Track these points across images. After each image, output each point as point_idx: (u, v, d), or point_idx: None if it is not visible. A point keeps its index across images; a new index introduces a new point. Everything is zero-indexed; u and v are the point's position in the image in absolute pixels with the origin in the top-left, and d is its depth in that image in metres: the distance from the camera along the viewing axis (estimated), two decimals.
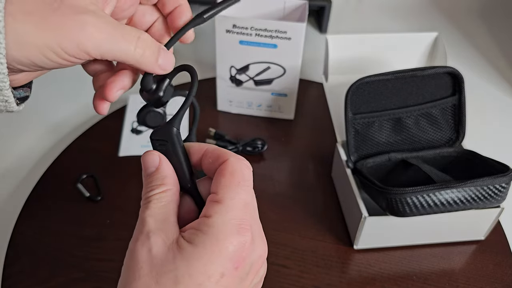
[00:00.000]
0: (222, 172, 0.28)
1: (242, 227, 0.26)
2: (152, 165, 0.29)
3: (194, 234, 0.26)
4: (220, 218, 0.26)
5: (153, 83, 0.31)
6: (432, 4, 1.23)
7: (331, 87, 0.73)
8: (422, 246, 0.60)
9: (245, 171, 0.28)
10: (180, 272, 0.24)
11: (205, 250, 0.25)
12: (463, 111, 0.62)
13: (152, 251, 0.25)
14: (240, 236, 0.26)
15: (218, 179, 0.28)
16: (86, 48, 0.25)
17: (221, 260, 0.25)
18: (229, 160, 0.28)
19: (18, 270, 0.56)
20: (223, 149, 0.29)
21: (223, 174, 0.28)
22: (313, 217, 0.64)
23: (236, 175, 0.28)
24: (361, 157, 0.62)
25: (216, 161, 0.29)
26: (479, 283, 0.57)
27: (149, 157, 0.29)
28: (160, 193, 0.28)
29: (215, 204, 0.27)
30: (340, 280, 0.56)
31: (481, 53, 1.05)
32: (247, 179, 0.28)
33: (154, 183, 0.29)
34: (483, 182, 0.52)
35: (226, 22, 0.69)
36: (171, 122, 0.30)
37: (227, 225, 0.26)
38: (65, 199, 0.65)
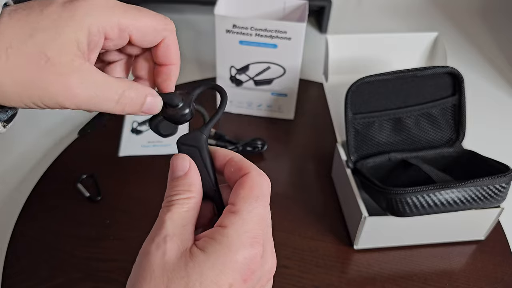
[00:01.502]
0: (242, 184, 0.28)
1: (256, 241, 0.26)
2: (181, 169, 0.30)
3: (208, 243, 0.26)
4: (235, 230, 0.26)
5: (179, 100, 0.31)
6: (432, 4, 1.23)
7: (331, 87, 0.73)
8: (422, 246, 0.60)
9: (264, 186, 0.29)
10: (191, 279, 0.25)
11: (217, 259, 0.25)
12: (463, 111, 0.62)
13: (166, 256, 0.26)
14: (252, 249, 0.26)
15: (238, 191, 0.28)
16: (65, 105, 0.26)
17: (231, 271, 0.25)
18: (251, 174, 0.29)
19: (18, 270, 0.56)
20: (247, 161, 0.30)
21: (242, 186, 0.28)
22: (313, 217, 0.64)
23: (255, 189, 0.28)
24: (361, 157, 0.62)
25: (238, 172, 0.29)
26: (479, 283, 0.57)
27: (180, 160, 0.30)
28: (184, 199, 0.29)
29: (232, 215, 0.27)
30: (340, 280, 0.56)
31: (481, 53, 1.05)
32: (265, 195, 0.29)
33: (180, 187, 0.29)
34: (483, 182, 0.52)
35: (226, 22, 0.69)
36: (201, 129, 0.30)
37: (241, 237, 0.26)
38: (65, 199, 0.65)
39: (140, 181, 0.67)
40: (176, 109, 0.31)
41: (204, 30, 1.08)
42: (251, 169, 0.29)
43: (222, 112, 0.31)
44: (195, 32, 1.07)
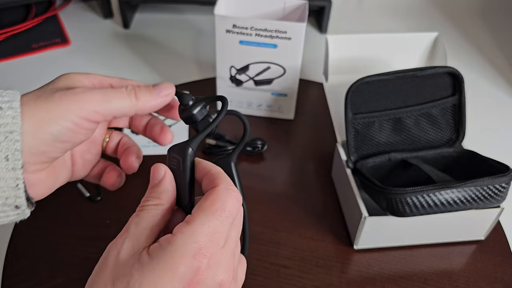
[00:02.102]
0: (206, 196, 0.29)
1: (200, 252, 0.27)
2: (157, 177, 0.31)
3: (155, 248, 0.27)
4: (182, 239, 0.27)
5: (190, 100, 0.34)
6: (432, 4, 1.23)
7: (331, 87, 0.73)
8: (422, 246, 0.60)
9: (228, 202, 0.29)
10: (132, 279, 0.26)
11: (158, 264, 0.26)
12: (463, 111, 0.62)
13: (120, 255, 0.27)
14: (194, 261, 0.26)
15: (200, 202, 0.29)
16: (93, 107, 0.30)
17: (170, 277, 0.26)
18: (218, 188, 0.29)
19: (18, 270, 0.56)
20: (223, 175, 0.30)
21: (205, 198, 0.29)
22: (313, 217, 0.64)
23: (216, 203, 0.28)
24: (361, 157, 0.62)
25: (210, 185, 0.30)
26: (479, 283, 0.57)
27: (156, 169, 0.31)
28: (153, 205, 0.30)
29: (184, 224, 0.28)
30: (340, 280, 0.56)
31: (481, 53, 1.05)
32: (228, 210, 0.28)
33: (152, 194, 0.31)
34: (483, 182, 0.52)
35: (226, 22, 0.69)
36: (188, 142, 0.32)
37: (186, 247, 0.26)
38: (65, 199, 0.65)
39: (140, 181, 0.67)
40: (187, 107, 0.34)
41: (204, 30, 1.08)
42: (220, 183, 0.29)
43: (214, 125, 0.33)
44: (195, 32, 1.07)
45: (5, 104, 0.28)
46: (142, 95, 0.33)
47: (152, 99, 0.33)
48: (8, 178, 0.28)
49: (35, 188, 0.33)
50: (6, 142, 0.27)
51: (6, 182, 0.28)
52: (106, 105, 0.31)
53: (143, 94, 0.33)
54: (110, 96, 0.32)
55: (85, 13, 1.13)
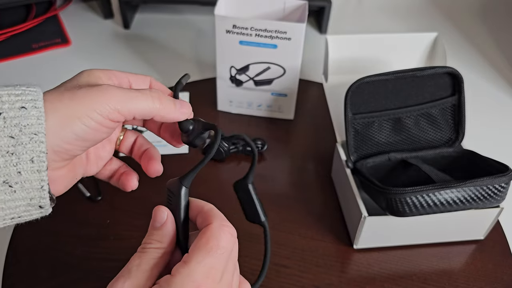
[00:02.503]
0: (200, 235, 0.30)
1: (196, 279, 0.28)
2: (159, 220, 0.32)
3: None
4: (180, 278, 0.28)
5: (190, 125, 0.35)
6: (432, 5, 1.23)
7: (331, 87, 0.73)
8: (421, 246, 0.60)
9: (222, 238, 0.30)
10: None
11: None
12: (462, 111, 0.62)
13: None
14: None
15: (195, 241, 0.30)
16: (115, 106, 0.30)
17: None
18: (211, 225, 0.30)
19: (18, 270, 0.56)
20: (215, 211, 0.32)
21: (200, 237, 0.30)
22: (313, 217, 0.64)
23: (211, 241, 0.29)
24: (361, 157, 0.63)
25: (204, 222, 0.31)
26: (478, 283, 0.57)
27: (159, 212, 0.32)
28: (155, 248, 0.31)
29: (182, 264, 0.29)
30: (340, 280, 0.56)
31: (480, 53, 1.05)
32: (223, 246, 0.30)
33: (154, 237, 0.32)
34: (482, 182, 0.52)
35: (226, 23, 0.69)
36: (182, 179, 0.32)
37: (184, 286, 0.28)
38: (65, 198, 0.64)
39: (141, 181, 0.67)
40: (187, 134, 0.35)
41: (204, 30, 1.08)
42: (214, 220, 0.31)
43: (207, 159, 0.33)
44: (195, 32, 1.07)
45: (29, 103, 0.27)
46: (165, 102, 0.33)
47: (173, 110, 0.33)
48: (33, 180, 0.28)
49: (56, 184, 0.33)
50: (31, 144, 0.27)
51: (31, 184, 0.28)
52: (129, 105, 0.31)
53: (166, 102, 0.33)
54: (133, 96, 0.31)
55: (85, 13, 1.13)
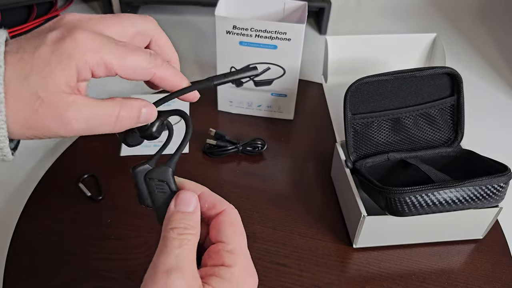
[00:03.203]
0: (224, 222, 0.31)
1: (251, 272, 0.31)
2: (191, 204, 0.31)
3: (221, 283, 0.29)
4: (239, 268, 0.30)
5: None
6: (431, 5, 1.23)
7: (331, 88, 0.73)
8: (421, 245, 0.61)
9: (239, 219, 0.32)
10: None
11: None
12: (461, 111, 0.63)
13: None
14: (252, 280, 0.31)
15: (223, 230, 0.31)
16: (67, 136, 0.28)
17: None
18: (228, 211, 0.32)
19: (19, 270, 0.56)
20: (218, 196, 0.33)
21: (226, 224, 0.31)
22: (312, 216, 0.64)
23: (237, 225, 0.32)
24: (360, 157, 0.63)
25: (213, 209, 0.32)
26: (477, 282, 0.57)
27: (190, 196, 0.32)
28: (192, 234, 0.30)
29: (231, 254, 0.30)
30: (339, 279, 0.57)
31: (479, 54, 1.06)
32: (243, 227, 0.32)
33: (189, 222, 0.30)
34: (481, 182, 0.52)
35: (226, 23, 0.69)
36: (168, 163, 0.32)
37: (244, 273, 0.30)
38: (66, 198, 0.65)
39: None
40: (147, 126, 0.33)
41: (204, 31, 1.09)
42: (225, 205, 0.32)
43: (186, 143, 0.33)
44: (195, 33, 1.08)
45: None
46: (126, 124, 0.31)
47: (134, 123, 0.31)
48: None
49: None
50: None
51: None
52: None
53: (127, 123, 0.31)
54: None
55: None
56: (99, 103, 0.29)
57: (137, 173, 0.33)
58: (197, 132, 0.76)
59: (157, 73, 0.31)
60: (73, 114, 0.28)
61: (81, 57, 0.27)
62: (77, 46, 0.27)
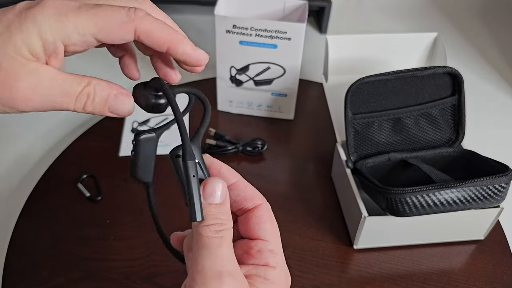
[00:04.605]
0: (264, 218, 0.30)
1: (288, 273, 0.31)
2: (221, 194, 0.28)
3: (265, 285, 0.28)
4: (280, 268, 0.29)
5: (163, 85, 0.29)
6: (432, 5, 1.23)
7: (331, 87, 0.73)
8: (421, 246, 0.60)
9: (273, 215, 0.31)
10: None
11: None
12: (462, 111, 0.62)
13: None
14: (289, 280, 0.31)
15: (263, 226, 0.30)
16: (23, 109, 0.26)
17: None
18: (266, 205, 0.31)
19: (18, 270, 0.56)
20: (253, 188, 0.31)
21: (265, 220, 0.30)
22: (313, 217, 0.64)
23: (274, 222, 0.31)
24: (361, 157, 0.63)
25: (249, 201, 0.31)
26: (478, 283, 0.57)
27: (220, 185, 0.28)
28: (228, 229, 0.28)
29: (274, 254, 0.29)
30: (340, 280, 0.56)
31: (480, 53, 1.05)
32: None
33: (223, 216, 0.28)
34: (482, 182, 0.52)
35: (226, 23, 0.69)
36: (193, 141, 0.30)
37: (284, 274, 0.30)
38: (65, 199, 0.65)
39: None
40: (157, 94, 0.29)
41: (204, 30, 1.08)
42: (262, 199, 0.31)
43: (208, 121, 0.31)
44: (195, 32, 1.07)
45: None
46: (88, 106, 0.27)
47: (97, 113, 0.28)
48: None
49: None
50: None
51: None
52: None
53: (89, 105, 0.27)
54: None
55: None
56: (66, 75, 0.26)
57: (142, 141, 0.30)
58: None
59: (138, 27, 0.26)
60: (29, 82, 0.25)
61: (45, 21, 0.25)
62: (43, 10, 0.25)
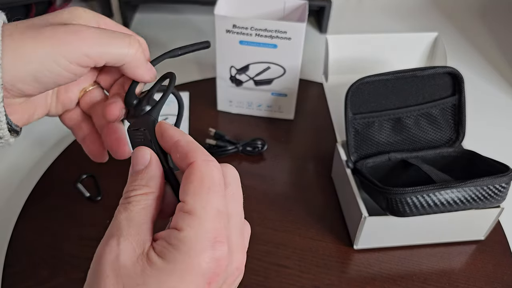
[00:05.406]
0: (190, 177, 0.25)
1: (218, 240, 0.24)
2: (141, 162, 0.28)
3: (166, 248, 0.24)
4: (192, 232, 0.24)
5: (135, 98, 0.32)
6: (432, 4, 1.23)
7: (331, 87, 0.73)
8: (422, 246, 0.60)
9: (215, 174, 0.26)
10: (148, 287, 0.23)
11: (176, 266, 0.23)
12: (463, 111, 0.62)
13: (120, 260, 0.24)
14: (215, 251, 0.24)
15: (187, 186, 0.25)
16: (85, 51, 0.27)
17: (193, 277, 0.23)
18: (197, 163, 0.25)
19: (18, 270, 0.56)
20: (195, 144, 0.27)
21: (191, 179, 0.25)
22: (313, 217, 0.64)
23: (205, 181, 0.25)
24: (361, 157, 0.62)
25: (184, 160, 0.26)
26: (479, 283, 0.57)
27: (140, 153, 0.28)
28: (141, 194, 0.27)
29: (186, 215, 0.24)
30: (340, 280, 0.56)
31: (481, 53, 1.05)
32: (218, 183, 0.25)
33: (138, 182, 0.27)
34: (483, 182, 0.52)
35: (226, 22, 0.69)
36: (149, 112, 0.30)
37: (201, 240, 0.24)
38: (65, 199, 0.65)
39: None
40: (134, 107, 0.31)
41: (204, 30, 1.08)
42: (197, 157, 0.26)
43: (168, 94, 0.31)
44: (195, 32, 1.07)
45: None
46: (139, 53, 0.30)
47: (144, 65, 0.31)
48: None
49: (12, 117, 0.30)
50: None
51: None
52: (101, 49, 0.28)
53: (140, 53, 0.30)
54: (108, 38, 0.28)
55: None
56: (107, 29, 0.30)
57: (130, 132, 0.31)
58: (196, 132, 0.75)
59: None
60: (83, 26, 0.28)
61: None
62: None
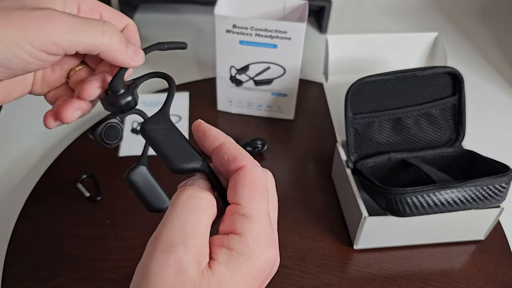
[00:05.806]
0: (242, 180, 0.26)
1: (272, 243, 0.25)
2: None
3: (229, 255, 0.24)
4: (253, 237, 0.24)
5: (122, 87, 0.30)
6: (432, 4, 1.23)
7: (331, 87, 0.73)
8: (422, 246, 0.60)
9: (263, 179, 0.26)
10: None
11: (240, 272, 0.23)
12: (463, 111, 0.62)
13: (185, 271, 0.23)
14: (270, 253, 0.25)
15: (240, 189, 0.25)
16: (53, 38, 0.26)
17: (252, 280, 0.24)
18: (248, 167, 0.26)
19: (18, 270, 0.56)
20: (240, 148, 0.27)
21: (244, 183, 0.25)
22: (313, 217, 0.64)
23: (258, 185, 0.26)
24: (361, 157, 0.62)
25: (232, 163, 0.26)
26: (479, 283, 0.57)
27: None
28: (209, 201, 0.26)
29: (244, 219, 0.25)
30: (340, 280, 0.56)
31: (481, 53, 1.05)
32: (266, 189, 0.26)
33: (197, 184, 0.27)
34: (483, 182, 0.52)
35: (226, 22, 0.69)
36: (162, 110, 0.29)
37: (260, 244, 0.24)
38: (65, 199, 0.65)
39: None
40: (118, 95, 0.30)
41: (204, 30, 1.08)
42: (247, 161, 0.26)
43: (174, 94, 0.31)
44: (195, 32, 1.07)
45: None
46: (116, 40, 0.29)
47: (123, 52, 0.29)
48: None
49: None
50: None
51: None
52: (71, 37, 0.27)
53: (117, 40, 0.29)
54: (79, 26, 0.27)
55: None
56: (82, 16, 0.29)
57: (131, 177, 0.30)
58: None
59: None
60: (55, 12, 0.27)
61: None
62: None
